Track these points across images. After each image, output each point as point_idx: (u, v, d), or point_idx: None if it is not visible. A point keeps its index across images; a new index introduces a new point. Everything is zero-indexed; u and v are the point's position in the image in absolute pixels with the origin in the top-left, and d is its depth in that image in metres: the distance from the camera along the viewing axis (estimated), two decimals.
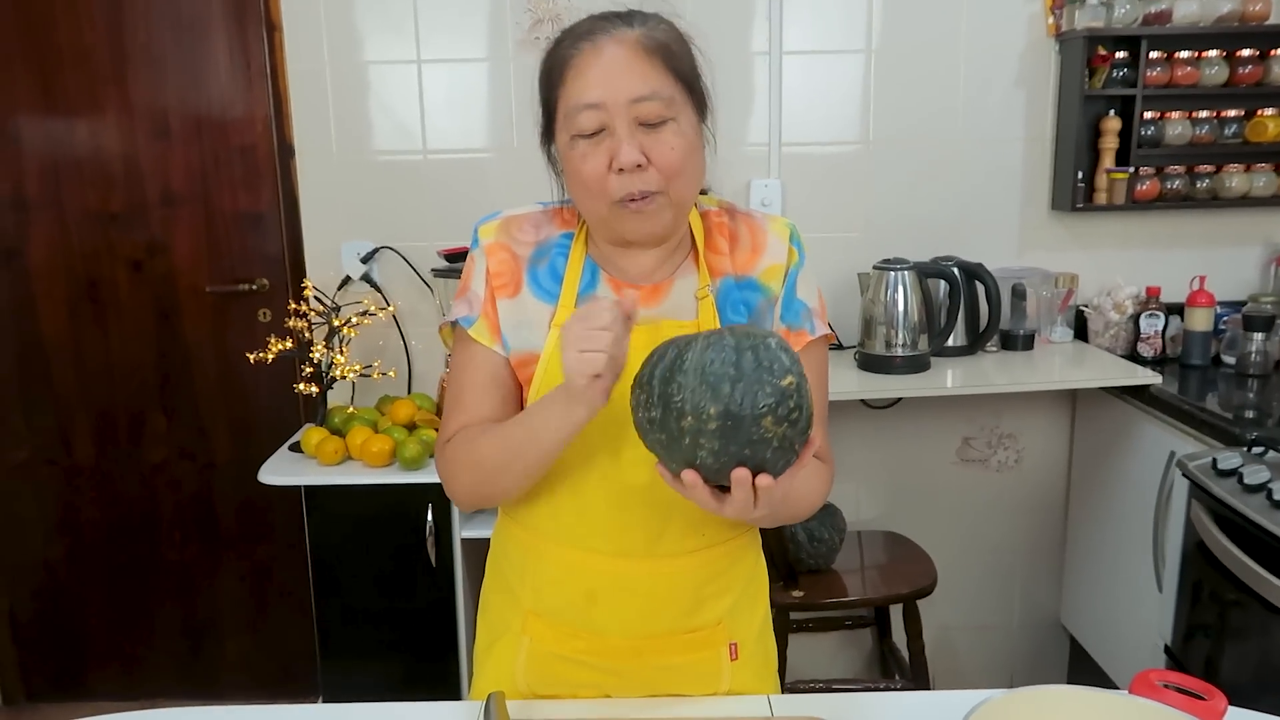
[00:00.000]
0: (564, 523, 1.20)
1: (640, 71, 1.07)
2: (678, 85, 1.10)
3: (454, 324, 1.23)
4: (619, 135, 1.08)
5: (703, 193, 1.26)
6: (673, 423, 0.95)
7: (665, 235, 1.17)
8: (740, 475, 0.95)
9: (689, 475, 0.97)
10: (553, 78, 1.12)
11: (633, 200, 1.09)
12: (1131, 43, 2.49)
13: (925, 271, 2.48)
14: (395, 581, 2.36)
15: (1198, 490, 1.89)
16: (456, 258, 2.50)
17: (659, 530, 1.19)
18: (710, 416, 0.93)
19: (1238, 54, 2.51)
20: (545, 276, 1.20)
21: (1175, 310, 2.59)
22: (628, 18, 1.11)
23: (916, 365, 2.44)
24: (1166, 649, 2.06)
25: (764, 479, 0.96)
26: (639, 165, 1.08)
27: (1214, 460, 1.84)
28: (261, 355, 2.38)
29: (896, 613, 2.65)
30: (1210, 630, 1.91)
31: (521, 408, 1.21)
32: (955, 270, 2.49)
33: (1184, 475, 1.94)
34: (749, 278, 1.22)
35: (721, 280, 1.21)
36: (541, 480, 1.18)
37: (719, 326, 1.09)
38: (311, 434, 2.38)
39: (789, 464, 0.98)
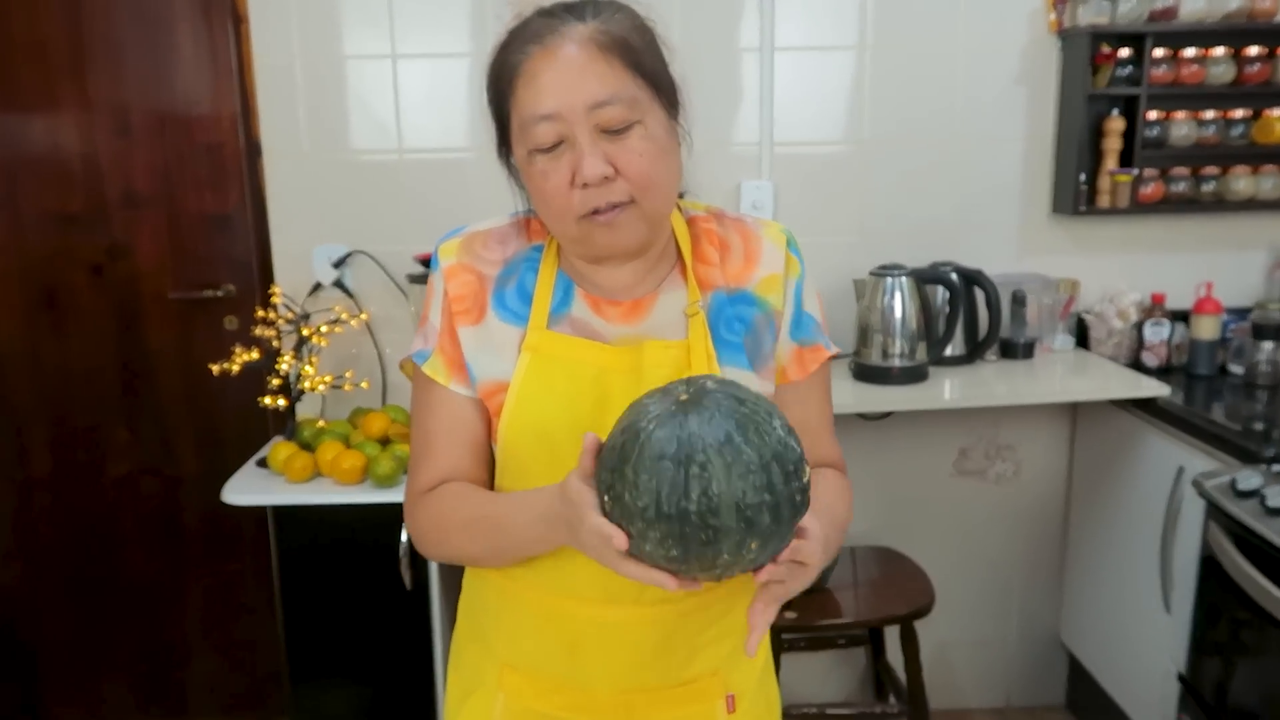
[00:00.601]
0: (542, 566, 1.09)
1: (597, 73, 0.96)
2: (641, 84, 0.98)
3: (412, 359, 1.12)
4: (580, 147, 0.97)
5: (681, 195, 1.15)
6: (695, 565, 0.85)
7: (640, 249, 1.06)
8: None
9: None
10: (501, 86, 1.01)
11: (599, 213, 0.99)
12: (1136, 40, 2.40)
13: (923, 278, 2.38)
14: (368, 604, 2.25)
15: (1215, 511, 1.80)
16: None
17: None
18: (749, 556, 0.85)
19: (1244, 52, 2.42)
20: (513, 297, 1.09)
21: (1179, 317, 2.50)
22: (578, 10, 0.99)
23: (914, 376, 2.34)
24: (1180, 677, 1.96)
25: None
26: (606, 178, 0.97)
27: (1233, 480, 1.75)
28: (226, 366, 2.26)
29: (891, 630, 2.55)
30: (1227, 657, 1.82)
31: (489, 443, 1.10)
32: (954, 276, 2.39)
33: (1200, 495, 1.84)
34: (743, 290, 1.11)
35: (713, 294, 1.10)
36: None
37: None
38: (279, 449, 2.26)
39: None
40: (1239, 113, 2.46)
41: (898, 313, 2.32)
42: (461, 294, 1.08)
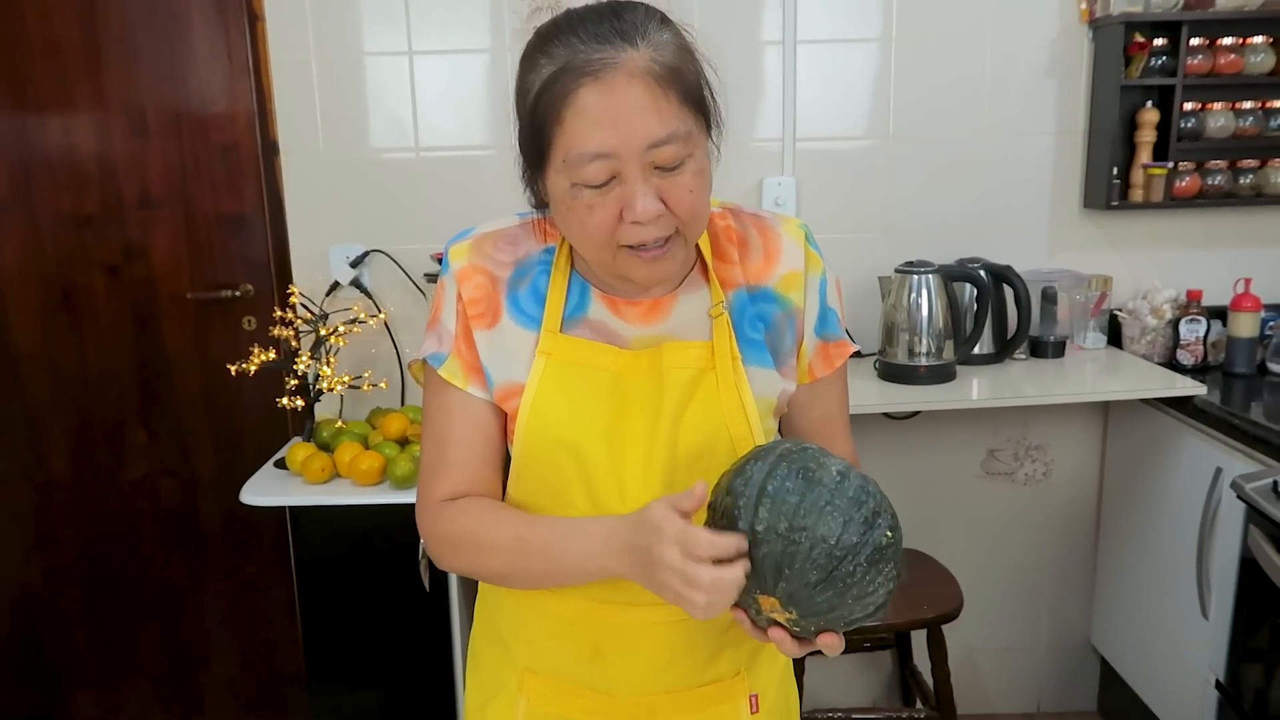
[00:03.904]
0: None
1: (656, 110, 0.91)
2: (694, 115, 0.95)
3: (425, 361, 1.09)
4: (633, 185, 0.93)
5: None
6: (841, 609, 0.90)
7: (677, 276, 1.05)
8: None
9: (828, 638, 0.92)
10: (546, 114, 0.93)
11: (645, 249, 0.96)
12: (1171, 29, 2.33)
13: (951, 275, 2.32)
14: (386, 606, 2.23)
15: (1256, 515, 1.74)
16: None
17: None
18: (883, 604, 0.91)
19: None
20: (527, 299, 1.06)
21: (1215, 314, 2.43)
22: (628, 34, 0.91)
23: (941, 375, 2.29)
24: (1218, 684, 1.90)
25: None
26: (658, 215, 0.94)
27: (1275, 483, 1.69)
28: (244, 366, 2.24)
29: (918, 634, 2.50)
30: (1269, 664, 1.76)
31: (505, 448, 1.07)
32: (983, 274, 2.34)
33: (1240, 498, 1.78)
34: (763, 287, 1.08)
35: (734, 293, 1.07)
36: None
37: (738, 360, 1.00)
38: (297, 450, 2.24)
39: None
40: (1278, 103, 2.38)
41: (924, 310, 2.27)
42: (476, 296, 1.06)
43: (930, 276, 2.27)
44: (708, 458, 1.03)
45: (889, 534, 0.87)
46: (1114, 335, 2.54)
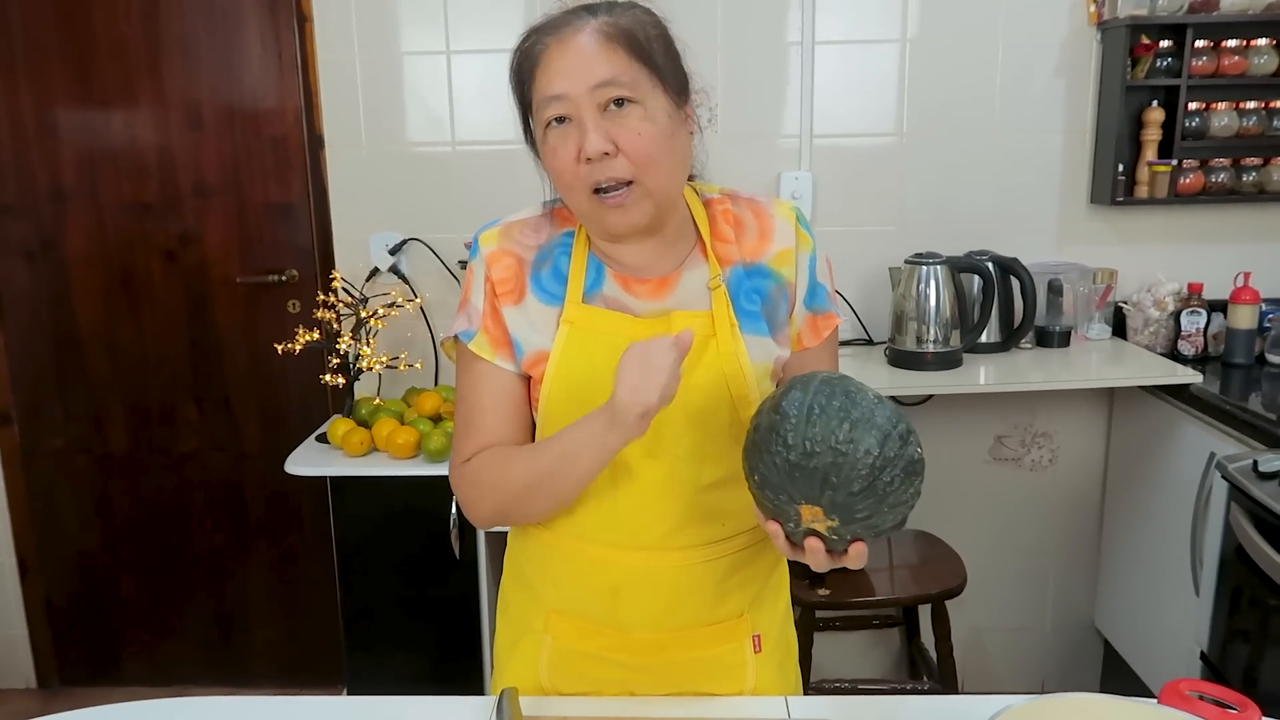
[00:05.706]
0: (582, 519, 1.19)
1: (601, 58, 1.06)
2: (643, 69, 1.07)
3: (456, 338, 1.22)
4: (584, 124, 1.06)
5: (691, 177, 1.23)
6: (880, 515, 0.98)
7: (651, 226, 1.13)
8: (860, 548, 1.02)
9: (859, 547, 1.01)
10: (523, 75, 1.12)
11: (604, 191, 1.08)
12: (1176, 31, 2.42)
13: (958, 266, 2.43)
14: (420, 573, 2.37)
15: (1237, 493, 1.84)
16: None
17: (679, 522, 1.18)
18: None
19: None
20: (549, 279, 1.19)
21: (1218, 307, 2.51)
22: (593, 8, 1.09)
23: (948, 362, 2.39)
24: (1203, 655, 2.00)
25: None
26: (606, 153, 1.06)
27: (1255, 462, 1.78)
28: (290, 346, 2.39)
29: (925, 613, 2.60)
30: (1249, 637, 1.85)
31: (531, 413, 1.20)
32: (989, 265, 2.44)
33: (1223, 477, 1.88)
34: (758, 264, 1.20)
35: (731, 269, 1.19)
36: None
37: (736, 317, 1.13)
38: (338, 425, 2.39)
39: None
40: None
41: (932, 300, 2.38)
42: (504, 277, 1.18)
43: (938, 268, 2.38)
44: (712, 415, 1.15)
45: (918, 450, 0.98)
46: (1119, 327, 2.63)
